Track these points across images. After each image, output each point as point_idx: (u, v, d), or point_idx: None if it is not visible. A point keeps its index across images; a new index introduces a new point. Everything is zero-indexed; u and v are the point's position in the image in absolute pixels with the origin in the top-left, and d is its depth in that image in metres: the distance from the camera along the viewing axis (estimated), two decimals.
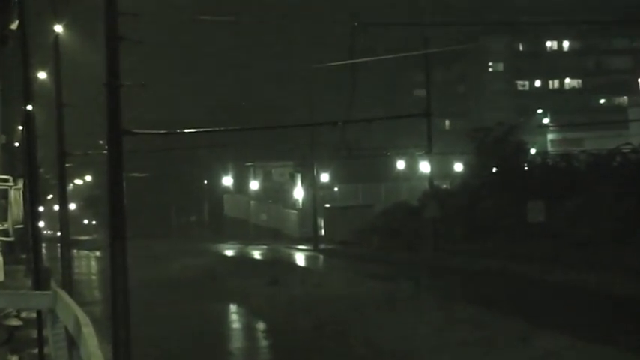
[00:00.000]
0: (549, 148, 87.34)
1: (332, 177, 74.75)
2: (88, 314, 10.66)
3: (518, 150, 52.05)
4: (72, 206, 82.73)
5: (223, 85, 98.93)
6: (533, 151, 58.50)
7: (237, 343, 26.73)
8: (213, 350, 24.71)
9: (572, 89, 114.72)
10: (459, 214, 48.56)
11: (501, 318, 23.11)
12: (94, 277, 48.07)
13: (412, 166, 71.65)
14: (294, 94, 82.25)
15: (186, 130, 21.82)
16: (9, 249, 28.36)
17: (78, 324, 10.21)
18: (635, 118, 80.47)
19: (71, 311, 11.09)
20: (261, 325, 28.41)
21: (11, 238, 22.63)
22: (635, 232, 36.24)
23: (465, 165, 62.14)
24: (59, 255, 34.12)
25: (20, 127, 34.44)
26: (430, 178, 49.16)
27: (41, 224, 24.76)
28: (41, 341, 16.79)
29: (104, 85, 16.34)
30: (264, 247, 62.58)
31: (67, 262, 32.29)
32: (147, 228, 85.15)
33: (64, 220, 33.03)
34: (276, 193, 78.59)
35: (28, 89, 21.03)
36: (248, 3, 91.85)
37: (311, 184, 63.01)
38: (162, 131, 20.51)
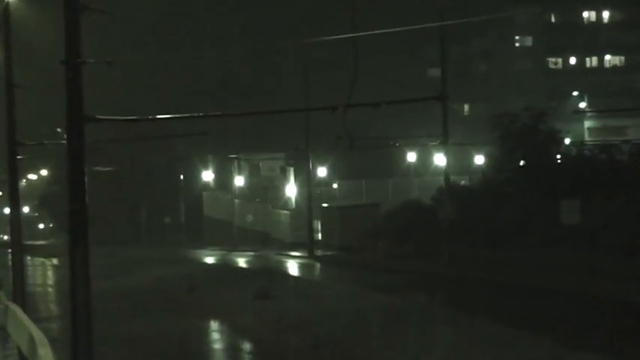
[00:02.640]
0: (586, 137, 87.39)
1: (331, 171, 74.78)
2: (44, 332, 10.71)
3: (549, 140, 52.10)
4: (25, 206, 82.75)
5: (202, 65, 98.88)
6: (567, 141, 58.56)
7: None
8: None
9: (614, 68, 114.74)
10: (480, 215, 48.62)
11: (529, 337, 23.16)
12: (50, 289, 48.09)
13: (425, 158, 71.71)
14: (287, 75, 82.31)
15: (159, 116, 21.63)
16: None
17: (33, 344, 10.26)
18: None
19: (25, 329, 11.14)
20: (247, 346, 28.45)
21: None
22: None
23: (487, 157, 62.20)
24: (10, 263, 34.12)
25: None
26: (446, 172, 49.19)
27: None
28: None
29: (62, 63, 16.29)
30: (251, 253, 62.61)
31: (20, 272, 32.29)
32: (113, 231, 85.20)
33: (15, 221, 33.02)
34: (265, 191, 78.61)
35: None
36: None
37: (306, 179, 63.03)
38: (131, 117, 20.41)
